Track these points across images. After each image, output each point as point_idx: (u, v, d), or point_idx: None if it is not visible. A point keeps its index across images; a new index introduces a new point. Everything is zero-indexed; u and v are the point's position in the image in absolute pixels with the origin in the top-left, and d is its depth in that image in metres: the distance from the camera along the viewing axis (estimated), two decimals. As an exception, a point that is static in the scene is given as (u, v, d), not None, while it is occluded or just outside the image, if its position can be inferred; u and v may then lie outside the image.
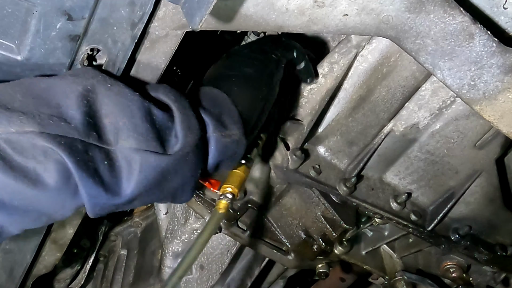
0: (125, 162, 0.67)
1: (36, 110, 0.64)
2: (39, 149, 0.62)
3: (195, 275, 1.52)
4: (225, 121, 0.79)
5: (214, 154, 0.78)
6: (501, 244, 1.22)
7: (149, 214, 1.83)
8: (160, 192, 0.73)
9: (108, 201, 0.68)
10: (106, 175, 0.66)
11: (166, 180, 0.72)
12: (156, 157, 0.68)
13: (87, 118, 0.66)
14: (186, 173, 0.74)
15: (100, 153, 0.66)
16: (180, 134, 0.71)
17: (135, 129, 0.68)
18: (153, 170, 0.68)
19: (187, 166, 0.74)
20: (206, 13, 0.63)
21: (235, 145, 0.80)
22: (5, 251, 1.17)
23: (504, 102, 0.83)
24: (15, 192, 0.62)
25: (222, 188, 0.96)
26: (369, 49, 1.02)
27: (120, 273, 1.77)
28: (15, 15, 0.71)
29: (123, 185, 0.68)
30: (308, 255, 1.29)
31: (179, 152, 0.71)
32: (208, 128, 0.77)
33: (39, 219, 0.68)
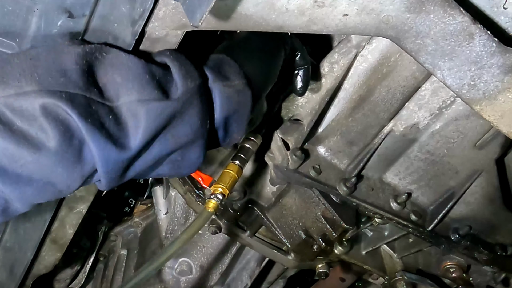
0: (130, 115, 0.66)
1: (34, 69, 0.63)
2: (40, 109, 0.60)
3: (195, 275, 1.52)
4: (225, 73, 0.79)
5: (219, 105, 0.77)
6: (501, 244, 1.22)
7: (149, 214, 1.83)
8: (167, 142, 0.71)
9: (119, 156, 0.66)
10: (113, 129, 0.65)
11: (172, 126, 0.71)
12: (160, 103, 0.67)
13: (87, 75, 0.65)
14: (194, 120, 0.73)
15: (104, 109, 0.65)
16: (179, 81, 0.71)
17: (135, 82, 0.67)
18: (158, 116, 0.67)
19: (193, 111, 0.72)
20: (207, 10, 0.63)
21: (239, 95, 0.79)
22: (6, 249, 1.17)
23: (504, 102, 0.83)
24: (17, 157, 0.60)
25: (213, 187, 0.97)
26: (369, 49, 1.02)
27: (120, 273, 1.77)
28: (16, 13, 0.71)
29: (131, 137, 0.66)
30: (308, 255, 1.29)
31: (182, 96, 0.70)
32: (209, 79, 0.76)
33: (44, 190, 0.65)
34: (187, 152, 0.76)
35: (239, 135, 0.84)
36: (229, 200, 1.31)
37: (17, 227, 1.15)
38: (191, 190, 1.37)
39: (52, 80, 0.62)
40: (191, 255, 1.51)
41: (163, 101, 0.68)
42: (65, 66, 0.64)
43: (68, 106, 0.61)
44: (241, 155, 1.05)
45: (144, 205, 1.88)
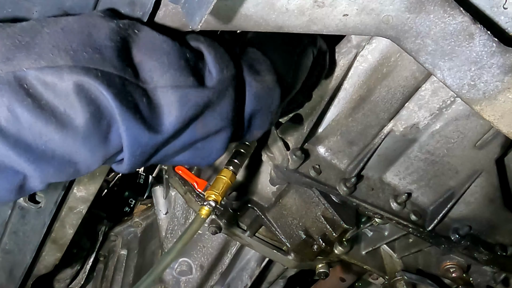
0: (164, 100, 0.64)
1: (68, 42, 0.59)
2: (73, 85, 0.57)
3: (195, 275, 1.52)
4: (256, 67, 0.77)
5: (249, 99, 0.75)
6: (501, 244, 1.22)
7: (149, 214, 1.83)
8: (196, 131, 0.70)
9: (150, 140, 0.64)
10: (146, 112, 0.63)
11: (204, 116, 0.69)
12: (196, 91, 0.66)
13: (122, 54, 0.62)
14: (226, 110, 0.71)
15: (138, 91, 0.62)
16: (214, 70, 0.69)
17: (170, 66, 0.65)
18: (193, 104, 0.66)
19: (227, 102, 0.70)
20: (206, 13, 0.63)
21: (268, 92, 0.77)
22: (5, 251, 1.17)
23: (504, 102, 0.83)
24: (43, 133, 0.58)
25: (206, 194, 1.00)
26: (369, 49, 1.02)
27: (120, 273, 1.77)
28: (15, 15, 0.71)
29: (163, 122, 0.65)
30: (308, 255, 1.29)
31: (217, 85, 0.68)
32: (242, 70, 0.74)
33: (65, 169, 0.62)
34: (211, 141, 0.74)
35: (259, 132, 0.83)
36: (229, 200, 1.31)
37: (17, 229, 1.15)
38: (191, 190, 1.37)
39: (87, 56, 0.59)
40: (191, 255, 1.51)
41: (198, 89, 0.66)
42: (99, 42, 0.61)
43: (103, 86, 0.58)
44: (235, 161, 1.06)
45: (144, 205, 1.88)
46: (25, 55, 0.57)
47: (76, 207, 1.27)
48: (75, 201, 1.26)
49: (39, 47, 0.58)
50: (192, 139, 0.71)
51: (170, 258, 0.92)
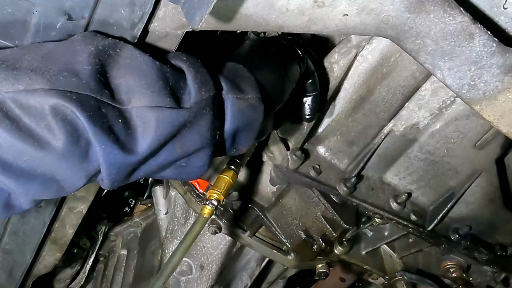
0: (140, 120, 0.65)
1: (45, 67, 0.61)
2: (48, 107, 0.59)
3: (195, 275, 1.52)
4: (240, 85, 0.77)
5: (231, 118, 0.76)
6: (501, 244, 1.22)
7: (149, 214, 1.83)
8: (175, 150, 0.70)
9: (125, 160, 0.65)
10: (121, 133, 0.64)
11: (182, 136, 0.69)
12: (172, 112, 0.66)
13: (99, 77, 0.64)
14: (203, 130, 0.72)
15: (114, 112, 0.64)
16: (193, 89, 0.69)
17: (148, 87, 0.66)
18: (168, 124, 0.66)
19: (204, 122, 0.71)
20: (206, 13, 0.63)
21: (251, 110, 0.77)
22: (5, 251, 1.17)
23: (504, 102, 0.83)
24: (22, 153, 0.60)
25: (208, 193, 0.99)
26: (369, 49, 1.02)
27: (120, 273, 1.77)
28: (15, 15, 0.71)
29: (138, 142, 0.66)
30: (308, 255, 1.29)
31: (194, 105, 0.69)
32: (223, 89, 0.75)
33: (48, 186, 0.64)
34: (192, 160, 0.75)
35: (245, 147, 0.83)
36: (229, 200, 1.31)
37: (17, 229, 1.15)
38: (191, 190, 1.37)
39: (63, 80, 0.61)
40: (191, 255, 1.51)
41: (175, 110, 0.67)
42: (77, 66, 0.63)
43: (77, 109, 0.60)
44: (236, 160, 1.06)
45: (144, 205, 1.88)
46: (3, 80, 0.60)
47: (76, 207, 1.27)
48: (75, 201, 1.26)
49: (18, 72, 0.60)
50: (172, 158, 0.72)
51: (176, 259, 0.93)
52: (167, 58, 0.74)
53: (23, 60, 0.63)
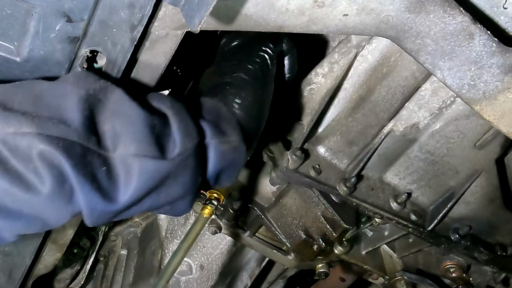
0: (123, 168, 0.66)
1: (35, 111, 0.63)
2: (36, 152, 0.61)
3: (195, 275, 1.52)
4: (223, 128, 0.78)
5: (214, 162, 0.77)
6: (501, 244, 1.22)
7: (149, 214, 1.83)
8: (158, 199, 0.72)
9: (106, 208, 0.67)
10: (104, 181, 0.65)
11: (165, 186, 0.71)
12: (155, 162, 0.67)
13: (88, 122, 0.65)
14: (187, 180, 0.73)
15: (98, 159, 0.65)
16: (178, 138, 0.71)
17: (134, 135, 0.67)
18: (152, 175, 0.67)
19: (187, 172, 0.72)
20: (206, 15, 0.63)
21: (234, 152, 0.79)
22: (4, 254, 1.17)
23: (504, 102, 0.83)
24: (9, 194, 0.61)
25: (208, 193, 1.00)
26: (369, 49, 1.02)
27: (120, 273, 1.77)
28: (14, 17, 0.71)
29: (121, 192, 0.67)
30: (308, 255, 1.29)
31: (178, 156, 0.70)
32: (206, 134, 0.76)
33: (34, 224, 0.67)
34: (176, 205, 0.77)
35: (228, 183, 0.85)
36: (229, 200, 1.31)
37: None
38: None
39: (52, 126, 0.62)
40: (191, 255, 1.51)
41: (159, 160, 0.68)
42: (67, 112, 0.65)
43: (63, 156, 0.61)
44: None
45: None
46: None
47: (76, 208, 1.26)
48: (75, 202, 1.25)
49: (9, 114, 0.62)
50: (155, 206, 0.74)
51: (178, 259, 0.93)
52: (152, 101, 0.75)
53: (14, 101, 0.64)
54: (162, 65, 0.86)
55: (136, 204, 0.70)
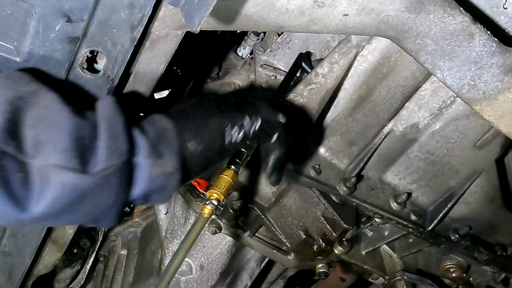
0: (40, 178, 0.63)
1: None
2: None
3: (195, 275, 1.52)
4: (161, 151, 0.74)
5: (142, 182, 0.73)
6: (501, 244, 1.22)
7: (149, 214, 1.83)
8: (77, 214, 0.69)
9: (17, 216, 0.63)
10: (18, 188, 0.62)
11: (84, 202, 0.67)
12: (75, 176, 0.64)
13: (9, 125, 0.63)
14: (108, 197, 0.69)
15: (15, 164, 0.62)
16: (103, 154, 0.67)
17: (58, 144, 0.64)
18: (69, 189, 0.64)
19: (109, 190, 0.68)
20: (205, 15, 0.63)
21: (166, 177, 0.75)
22: (4, 254, 1.17)
23: (504, 102, 0.83)
24: None
25: (208, 193, 0.99)
26: (369, 49, 1.02)
27: (120, 273, 1.77)
28: (14, 17, 0.71)
29: (33, 202, 0.63)
30: (308, 255, 1.29)
31: (101, 172, 0.67)
32: (140, 153, 0.72)
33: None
34: (98, 220, 0.74)
35: (159, 203, 0.81)
36: (229, 200, 1.31)
37: (16, 232, 1.15)
38: (191, 190, 1.37)
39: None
40: (191, 255, 1.51)
41: (79, 174, 0.64)
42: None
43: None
44: (236, 160, 1.05)
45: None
46: None
47: (76, 208, 1.26)
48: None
49: None
50: (75, 221, 0.71)
51: (179, 259, 0.92)
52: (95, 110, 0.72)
53: None
54: (162, 65, 0.86)
55: (53, 217, 0.67)
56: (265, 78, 1.32)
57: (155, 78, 0.88)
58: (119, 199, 0.71)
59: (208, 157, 0.83)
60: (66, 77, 0.81)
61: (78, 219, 0.71)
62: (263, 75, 1.32)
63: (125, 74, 0.85)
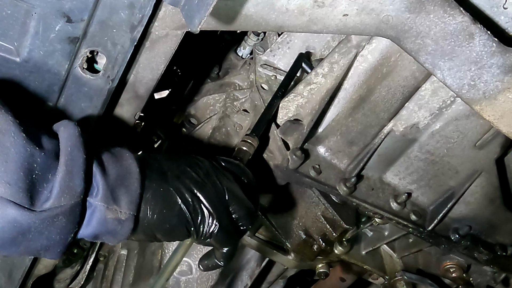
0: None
1: None
2: None
3: (195, 275, 1.52)
4: (118, 195, 0.71)
5: (93, 225, 0.70)
6: (501, 244, 1.22)
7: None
8: (17, 249, 0.65)
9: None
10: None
11: (26, 239, 0.64)
12: (19, 211, 0.61)
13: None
14: (53, 236, 0.66)
15: None
16: (55, 191, 0.64)
17: (5, 175, 0.60)
18: (10, 224, 0.61)
19: (55, 229, 0.65)
20: (205, 16, 0.63)
21: (118, 224, 0.71)
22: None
23: (504, 102, 0.83)
24: None
25: None
26: (369, 49, 1.02)
27: (120, 273, 1.77)
28: (14, 17, 0.71)
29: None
30: (308, 255, 1.29)
31: (47, 211, 0.63)
32: (96, 195, 0.69)
33: None
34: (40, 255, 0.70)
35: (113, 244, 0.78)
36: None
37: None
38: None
39: None
40: (191, 255, 1.51)
41: (24, 210, 0.61)
42: None
43: None
44: (238, 158, 1.05)
45: None
46: None
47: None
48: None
49: None
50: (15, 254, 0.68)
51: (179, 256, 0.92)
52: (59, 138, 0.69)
53: None
54: (162, 65, 0.86)
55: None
56: (265, 78, 1.32)
57: (155, 78, 0.88)
58: (65, 239, 0.68)
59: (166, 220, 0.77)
60: (66, 77, 0.81)
61: (18, 253, 0.67)
62: (263, 75, 1.32)
63: (125, 74, 0.85)
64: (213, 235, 0.80)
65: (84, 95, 0.84)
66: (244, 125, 1.33)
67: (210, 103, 1.43)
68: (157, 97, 1.52)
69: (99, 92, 0.84)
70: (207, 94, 1.44)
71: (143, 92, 0.90)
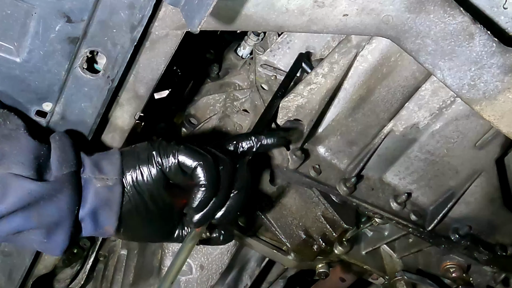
0: (1, 183, 0.71)
1: None
2: None
3: (195, 275, 1.52)
4: (102, 166, 0.82)
5: (89, 198, 0.79)
6: (501, 244, 1.22)
7: (149, 214, 1.83)
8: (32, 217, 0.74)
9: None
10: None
11: (40, 206, 0.74)
12: (31, 182, 0.73)
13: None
14: (61, 204, 0.76)
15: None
16: (54, 166, 0.77)
17: (19, 158, 0.74)
18: (26, 193, 0.72)
19: (63, 196, 0.76)
20: (206, 15, 0.63)
21: (107, 191, 0.80)
22: (4, 254, 1.17)
23: (504, 102, 0.83)
24: None
25: None
26: (369, 49, 1.02)
27: (120, 273, 1.77)
28: (14, 17, 0.71)
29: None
30: (308, 255, 1.29)
31: (53, 181, 0.75)
32: (84, 171, 0.80)
33: None
34: (53, 235, 0.78)
35: (111, 227, 0.83)
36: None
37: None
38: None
39: None
40: (191, 255, 1.51)
41: (35, 181, 0.73)
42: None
43: None
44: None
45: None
46: None
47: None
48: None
49: None
50: (26, 226, 0.76)
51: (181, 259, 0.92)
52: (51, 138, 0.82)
53: None
54: (162, 65, 0.86)
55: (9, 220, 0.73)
56: (265, 78, 1.32)
57: (155, 78, 0.88)
58: (71, 208, 0.77)
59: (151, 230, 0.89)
60: (66, 77, 0.81)
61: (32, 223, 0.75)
62: (263, 75, 1.32)
63: (125, 74, 0.85)
64: None
65: (84, 95, 0.84)
66: (244, 125, 1.33)
67: (210, 103, 1.43)
68: (157, 97, 1.52)
69: (99, 92, 0.84)
70: (207, 94, 1.44)
71: (143, 92, 0.90)
